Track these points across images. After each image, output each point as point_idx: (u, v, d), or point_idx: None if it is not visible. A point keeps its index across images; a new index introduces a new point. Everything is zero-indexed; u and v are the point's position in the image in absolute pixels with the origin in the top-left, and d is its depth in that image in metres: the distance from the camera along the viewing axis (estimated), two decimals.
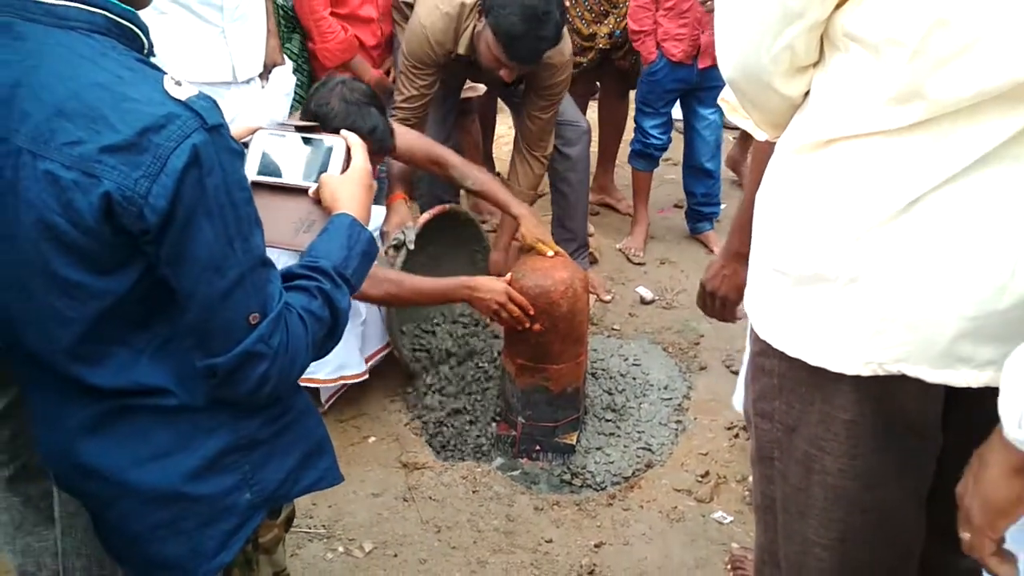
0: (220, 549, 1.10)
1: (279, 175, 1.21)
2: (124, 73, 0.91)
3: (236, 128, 1.23)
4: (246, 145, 1.25)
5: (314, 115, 1.94)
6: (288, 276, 1.08)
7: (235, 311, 0.97)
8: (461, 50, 2.63)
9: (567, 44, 2.75)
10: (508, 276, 2.25)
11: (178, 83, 0.92)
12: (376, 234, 2.62)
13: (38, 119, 0.89)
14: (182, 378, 1.04)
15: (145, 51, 0.99)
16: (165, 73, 0.95)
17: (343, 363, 2.43)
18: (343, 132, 1.24)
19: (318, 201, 1.21)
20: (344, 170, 1.21)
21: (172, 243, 0.92)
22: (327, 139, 1.22)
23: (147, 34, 1.00)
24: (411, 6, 2.92)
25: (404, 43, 2.74)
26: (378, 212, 2.55)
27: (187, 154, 0.89)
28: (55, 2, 0.91)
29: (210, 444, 1.07)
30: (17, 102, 0.90)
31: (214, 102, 0.95)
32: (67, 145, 0.88)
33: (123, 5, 0.96)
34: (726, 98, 1.31)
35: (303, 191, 1.20)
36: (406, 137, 2.34)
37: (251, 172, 1.21)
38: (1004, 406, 0.82)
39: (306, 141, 1.23)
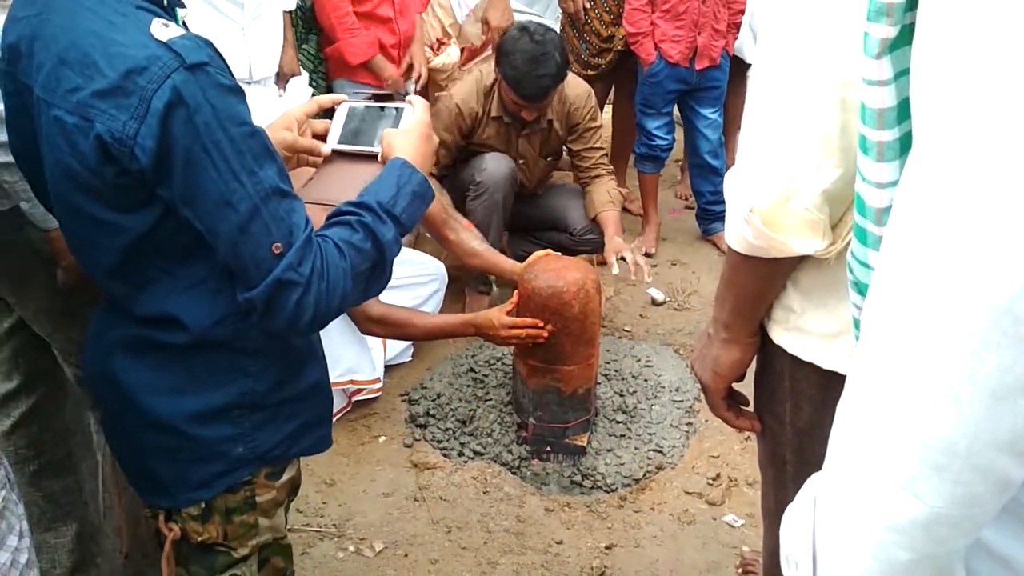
0: (202, 485, 1.16)
1: (355, 143, 1.28)
2: (116, 19, 0.94)
3: (321, 99, 1.32)
4: (330, 116, 1.32)
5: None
6: (333, 214, 1.12)
7: (257, 243, 1.00)
8: (495, 112, 2.94)
9: (578, 84, 3.03)
10: (506, 306, 2.28)
11: (166, 25, 0.95)
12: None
13: (47, 69, 0.95)
14: (210, 321, 1.08)
15: None
16: (162, 16, 0.97)
17: (352, 367, 2.45)
18: (409, 96, 1.30)
19: None
20: None
21: (179, 184, 0.96)
22: (397, 105, 1.29)
23: None
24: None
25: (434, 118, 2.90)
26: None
27: (168, 94, 0.91)
28: None
29: (217, 395, 1.13)
30: (35, 54, 0.97)
31: (201, 41, 0.96)
32: (69, 92, 0.94)
33: None
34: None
35: (375, 156, 1.26)
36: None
37: (332, 141, 1.28)
38: None
39: (381, 110, 1.30)
